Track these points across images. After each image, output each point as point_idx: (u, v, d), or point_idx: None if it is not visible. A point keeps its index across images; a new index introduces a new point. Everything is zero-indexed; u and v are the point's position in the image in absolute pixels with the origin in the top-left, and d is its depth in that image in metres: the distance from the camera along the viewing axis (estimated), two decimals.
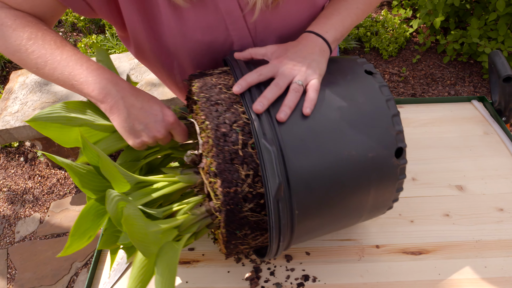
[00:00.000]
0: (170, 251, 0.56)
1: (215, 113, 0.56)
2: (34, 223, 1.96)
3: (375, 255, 0.74)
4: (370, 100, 0.59)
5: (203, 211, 0.60)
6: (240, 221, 0.56)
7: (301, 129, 0.55)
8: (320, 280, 0.71)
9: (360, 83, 0.62)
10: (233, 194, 0.54)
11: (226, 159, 0.54)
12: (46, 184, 2.12)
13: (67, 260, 1.77)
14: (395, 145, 0.58)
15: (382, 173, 0.58)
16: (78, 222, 0.54)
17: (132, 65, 2.05)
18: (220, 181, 0.54)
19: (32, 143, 2.31)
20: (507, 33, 2.21)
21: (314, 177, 0.54)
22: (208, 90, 0.60)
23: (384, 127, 0.58)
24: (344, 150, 0.56)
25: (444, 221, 0.79)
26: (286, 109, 0.55)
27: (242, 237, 0.59)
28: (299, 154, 0.54)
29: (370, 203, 0.61)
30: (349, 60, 0.67)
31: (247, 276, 0.72)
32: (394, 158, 0.58)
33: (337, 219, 0.61)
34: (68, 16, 2.63)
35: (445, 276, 0.71)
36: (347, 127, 0.57)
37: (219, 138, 0.55)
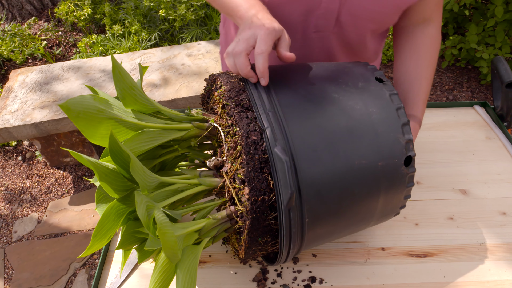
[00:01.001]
0: (191, 254, 0.56)
1: (245, 119, 0.56)
2: (31, 223, 1.95)
3: (381, 257, 0.75)
4: (381, 109, 0.60)
5: (224, 215, 0.60)
6: (263, 229, 0.57)
7: (313, 138, 0.55)
8: (327, 282, 0.71)
9: (370, 91, 0.62)
10: (261, 203, 0.54)
11: (256, 168, 0.54)
12: (44, 184, 2.11)
13: (65, 261, 1.77)
14: (404, 154, 0.59)
15: (391, 181, 0.59)
16: (101, 223, 0.55)
17: (133, 66, 2.05)
18: (249, 189, 0.54)
19: (30, 142, 2.30)
20: (505, 39, 2.23)
21: (325, 186, 0.55)
22: (238, 95, 0.59)
23: (394, 136, 0.59)
24: (355, 160, 0.56)
25: (448, 224, 0.80)
26: None
27: (262, 244, 0.59)
28: (311, 163, 0.54)
29: (378, 210, 0.62)
30: (360, 67, 0.68)
31: (254, 277, 0.72)
32: (403, 167, 0.59)
33: (346, 227, 0.62)
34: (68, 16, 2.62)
35: (450, 278, 0.71)
36: (358, 136, 0.57)
37: (249, 145, 0.54)
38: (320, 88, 0.61)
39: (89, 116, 0.54)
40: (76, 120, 0.54)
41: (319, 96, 0.60)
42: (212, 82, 0.67)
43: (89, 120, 0.55)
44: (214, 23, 2.41)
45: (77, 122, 0.54)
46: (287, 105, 0.57)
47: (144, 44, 2.41)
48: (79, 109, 0.53)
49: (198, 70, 2.00)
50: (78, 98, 0.53)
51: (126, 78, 0.58)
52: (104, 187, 0.55)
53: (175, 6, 2.38)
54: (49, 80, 2.03)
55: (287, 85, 0.61)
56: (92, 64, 2.09)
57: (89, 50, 2.50)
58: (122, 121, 0.57)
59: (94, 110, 0.54)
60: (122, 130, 0.59)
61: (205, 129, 0.65)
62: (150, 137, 0.61)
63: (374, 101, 0.61)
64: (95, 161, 0.53)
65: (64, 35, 2.78)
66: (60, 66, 2.11)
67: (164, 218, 0.52)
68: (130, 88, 0.59)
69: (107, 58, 2.13)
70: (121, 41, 2.46)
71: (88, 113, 0.54)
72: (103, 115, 0.55)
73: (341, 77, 0.63)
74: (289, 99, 0.58)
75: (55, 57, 2.66)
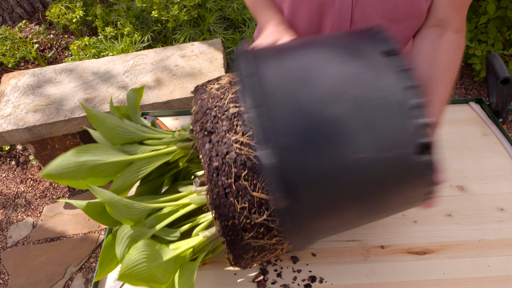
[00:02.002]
0: (187, 272, 0.59)
1: (208, 144, 0.55)
2: (26, 227, 1.93)
3: (381, 255, 0.75)
4: (383, 90, 0.51)
5: (214, 232, 0.61)
6: (244, 247, 0.56)
7: (307, 132, 0.50)
8: (327, 281, 0.71)
9: (373, 68, 0.53)
10: (231, 227, 0.54)
11: (220, 194, 0.54)
12: (39, 188, 2.09)
13: (61, 265, 1.75)
14: (413, 141, 0.51)
15: (401, 173, 0.53)
16: (103, 252, 0.60)
17: (126, 68, 2.04)
18: (217, 215, 0.54)
19: (24, 147, 2.28)
20: (497, 36, 2.25)
21: (323, 185, 0.51)
22: (204, 116, 0.58)
23: (399, 122, 0.51)
24: (353, 155, 0.51)
25: (446, 221, 0.80)
26: None
27: (250, 258, 0.59)
28: (305, 160, 0.50)
29: (392, 202, 0.57)
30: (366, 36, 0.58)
31: (254, 278, 0.71)
32: (415, 155, 0.51)
33: (350, 222, 0.59)
34: (60, 18, 2.60)
35: (449, 275, 0.71)
36: (357, 127, 0.51)
37: (212, 172, 0.54)
38: (312, 69, 0.54)
39: (71, 173, 0.60)
40: (60, 181, 0.60)
41: (309, 79, 0.53)
42: (194, 93, 0.66)
43: (72, 176, 0.61)
44: (207, 24, 2.40)
45: (61, 182, 0.61)
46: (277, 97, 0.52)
47: (137, 45, 2.39)
48: (60, 171, 0.59)
49: (192, 71, 1.99)
50: (58, 160, 0.59)
51: (105, 121, 0.63)
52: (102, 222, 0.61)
53: (168, 7, 2.37)
54: (42, 83, 2.01)
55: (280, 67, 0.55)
56: (85, 67, 2.07)
57: (81, 53, 2.48)
58: (106, 164, 0.62)
59: (75, 167, 0.60)
60: (110, 169, 0.63)
61: (190, 148, 0.66)
62: (139, 168, 0.65)
63: (376, 81, 0.52)
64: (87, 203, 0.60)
65: (56, 38, 2.76)
66: (52, 69, 2.09)
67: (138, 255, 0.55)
68: (112, 129, 0.64)
69: (100, 61, 2.11)
70: (113, 43, 2.44)
71: (69, 172, 0.60)
72: (86, 166, 0.61)
73: (342, 50, 0.56)
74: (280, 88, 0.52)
75: (47, 60, 2.64)
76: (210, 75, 1.95)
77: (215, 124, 0.57)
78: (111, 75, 2.01)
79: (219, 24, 2.45)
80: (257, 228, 0.55)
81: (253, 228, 0.54)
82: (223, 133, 0.55)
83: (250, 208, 0.54)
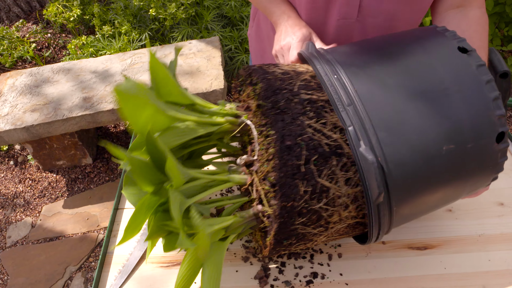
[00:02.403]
0: (217, 250, 0.57)
1: (280, 122, 0.55)
2: (25, 227, 1.92)
3: (382, 251, 0.75)
4: (469, 85, 0.55)
5: (251, 214, 0.60)
6: (289, 233, 0.56)
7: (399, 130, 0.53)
8: (329, 277, 0.71)
9: (453, 64, 0.57)
10: (289, 208, 0.54)
11: (288, 174, 0.53)
12: (38, 188, 2.08)
13: (61, 265, 1.75)
14: (496, 131, 0.56)
15: (482, 161, 0.57)
16: (134, 215, 0.55)
17: (124, 66, 2.03)
18: (279, 194, 0.53)
19: (22, 146, 2.27)
20: (495, 32, 2.25)
21: (412, 178, 0.54)
22: (274, 95, 0.57)
23: (484, 113, 0.55)
24: (443, 145, 0.53)
25: (447, 216, 0.80)
26: None
27: (287, 245, 0.59)
28: (398, 157, 0.52)
29: (466, 190, 0.61)
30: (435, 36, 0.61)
31: (255, 275, 0.71)
32: (495, 144, 0.56)
33: (432, 208, 0.63)
34: (57, 17, 2.59)
35: (450, 270, 0.71)
36: (446, 120, 0.54)
37: (283, 150, 0.53)
38: (398, 70, 0.57)
39: (137, 100, 0.54)
40: (124, 103, 0.53)
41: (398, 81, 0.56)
42: (247, 75, 0.65)
43: (137, 105, 0.54)
44: (205, 22, 2.40)
45: (125, 106, 0.53)
46: (366, 95, 0.54)
47: (135, 44, 2.39)
48: (132, 93, 0.53)
49: (190, 69, 1.99)
50: (127, 83, 0.53)
51: (163, 71, 0.58)
52: (138, 180, 0.55)
53: (165, 5, 2.36)
54: (39, 83, 2.00)
55: (362, 70, 0.58)
56: (83, 66, 2.07)
57: (79, 52, 2.47)
58: (161, 112, 0.57)
59: (142, 95, 0.54)
60: (160, 121, 0.58)
61: (237, 125, 0.64)
62: (184, 131, 0.61)
63: (460, 77, 0.56)
64: (131, 155, 0.53)
65: (54, 37, 2.75)
66: (50, 68, 2.09)
67: (199, 219, 0.52)
68: (165, 80, 0.59)
69: (97, 59, 2.11)
70: (111, 41, 2.44)
71: (137, 97, 0.54)
72: (149, 103, 0.55)
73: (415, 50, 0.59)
74: (367, 87, 0.55)
75: (45, 59, 2.63)
76: (208, 73, 1.95)
77: (288, 105, 0.56)
78: (108, 74, 2.01)
79: (217, 22, 2.44)
80: (310, 214, 0.55)
81: (307, 214, 0.55)
82: (296, 115, 0.56)
83: (312, 193, 0.54)
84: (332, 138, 0.55)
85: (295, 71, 0.62)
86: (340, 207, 0.56)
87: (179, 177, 0.55)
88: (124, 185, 0.61)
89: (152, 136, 0.51)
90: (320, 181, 0.54)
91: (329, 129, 0.56)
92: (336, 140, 0.55)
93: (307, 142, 0.54)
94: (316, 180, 0.54)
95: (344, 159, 0.55)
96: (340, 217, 0.57)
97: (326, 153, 0.54)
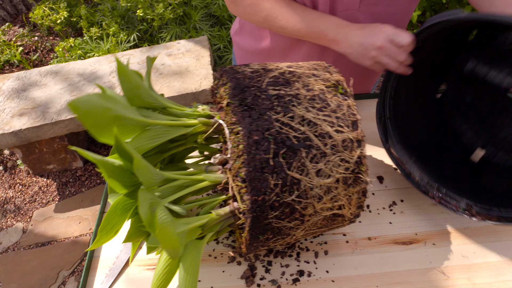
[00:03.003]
0: (194, 249, 0.57)
1: (248, 119, 0.56)
2: (17, 233, 1.91)
3: (368, 247, 0.75)
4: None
5: (227, 211, 0.61)
6: (264, 227, 0.57)
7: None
8: (315, 274, 0.71)
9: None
10: (261, 202, 0.54)
11: (257, 168, 0.54)
12: (28, 193, 2.07)
13: (53, 269, 1.74)
14: None
15: None
16: (107, 217, 0.55)
17: (112, 68, 2.02)
18: (249, 188, 0.54)
19: (11, 151, 2.25)
20: None
21: None
22: (242, 93, 0.59)
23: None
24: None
25: (432, 210, 0.81)
26: None
27: (264, 240, 0.60)
28: None
29: None
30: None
31: (242, 275, 0.71)
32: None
33: None
34: (44, 20, 2.57)
35: (436, 264, 0.72)
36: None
37: (251, 145, 0.54)
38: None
39: (96, 115, 0.54)
40: (83, 119, 0.53)
41: None
42: (219, 77, 0.66)
43: (96, 119, 0.54)
44: (193, 21, 2.39)
45: (84, 121, 0.53)
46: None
47: (123, 45, 2.37)
48: (86, 107, 0.53)
49: (179, 69, 1.98)
50: (85, 97, 0.53)
51: (131, 78, 0.58)
52: (111, 183, 0.55)
53: (153, 6, 2.35)
54: (27, 86, 1.99)
55: None
56: (71, 68, 2.05)
57: (67, 54, 2.45)
58: (128, 119, 0.57)
59: (101, 109, 0.54)
60: (129, 127, 0.58)
61: (211, 125, 0.65)
62: (157, 134, 0.61)
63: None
64: (102, 159, 0.53)
65: (41, 40, 2.73)
66: (37, 72, 2.07)
67: (166, 216, 0.52)
68: (136, 88, 0.59)
69: (85, 62, 2.09)
70: (99, 43, 2.42)
71: (95, 112, 0.53)
72: (110, 113, 0.55)
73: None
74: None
75: (33, 63, 2.61)
76: (198, 73, 1.94)
77: (255, 101, 0.58)
78: (97, 76, 2.00)
79: (205, 22, 2.43)
80: (283, 207, 0.56)
81: (280, 207, 0.56)
82: (264, 110, 0.57)
83: (282, 186, 0.55)
84: (300, 130, 0.56)
85: (265, 69, 0.64)
86: (314, 199, 0.57)
87: (149, 178, 0.55)
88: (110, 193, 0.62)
89: (120, 140, 0.51)
90: (290, 173, 0.55)
91: (297, 122, 0.57)
92: (304, 133, 0.56)
93: (275, 136, 0.55)
94: (286, 173, 0.55)
95: (314, 150, 0.56)
96: (315, 209, 0.58)
97: (295, 146, 0.55)
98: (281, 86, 0.60)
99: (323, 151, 0.56)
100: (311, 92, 0.61)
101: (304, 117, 0.57)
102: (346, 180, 0.58)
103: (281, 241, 0.62)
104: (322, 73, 0.65)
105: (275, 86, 0.60)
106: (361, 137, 0.59)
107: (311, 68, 0.66)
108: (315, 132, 0.57)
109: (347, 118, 0.59)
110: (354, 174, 0.58)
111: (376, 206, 0.82)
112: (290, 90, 0.60)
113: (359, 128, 0.59)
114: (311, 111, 0.58)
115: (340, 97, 0.61)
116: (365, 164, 0.59)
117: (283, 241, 0.62)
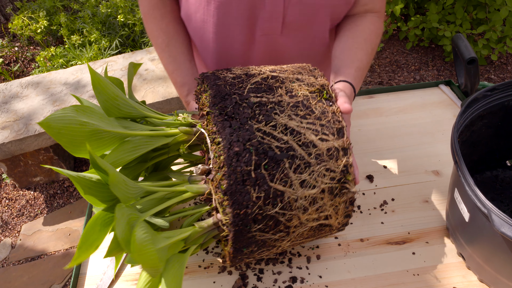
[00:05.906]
0: (177, 263, 0.55)
1: (228, 129, 0.54)
2: (5, 248, 1.86)
3: (360, 249, 0.73)
4: None
5: (210, 223, 0.59)
6: (248, 240, 0.55)
7: None
8: (308, 280, 0.69)
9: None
10: (243, 216, 0.52)
11: (238, 181, 0.52)
12: (15, 207, 2.02)
13: (44, 284, 1.70)
14: None
15: None
16: (86, 234, 0.53)
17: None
18: (231, 202, 0.52)
19: None
20: (464, 16, 2.27)
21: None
22: (223, 101, 0.56)
23: None
24: None
25: (424, 208, 0.79)
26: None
27: (248, 253, 0.58)
28: None
29: None
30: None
31: (233, 285, 0.69)
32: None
33: None
34: (23, 30, 2.52)
35: (431, 262, 0.71)
36: None
37: (231, 157, 0.52)
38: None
39: (71, 132, 0.52)
40: (57, 137, 0.51)
41: None
42: (201, 82, 0.63)
43: (72, 136, 0.52)
44: None
45: (59, 139, 0.51)
46: None
47: (107, 52, 2.34)
48: (60, 125, 0.51)
49: (163, 74, 1.95)
50: (59, 113, 0.51)
51: (107, 89, 0.56)
52: (88, 199, 0.53)
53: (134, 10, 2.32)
54: (8, 99, 1.94)
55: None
56: (52, 78, 2.01)
57: (48, 64, 2.40)
58: (105, 132, 0.55)
59: (76, 125, 0.52)
60: (107, 140, 0.56)
61: (193, 134, 0.63)
62: (136, 146, 0.59)
63: None
64: (77, 175, 0.50)
65: (21, 50, 2.67)
66: (18, 83, 2.03)
67: (145, 235, 0.50)
68: (112, 99, 0.57)
69: (67, 70, 2.05)
70: (82, 51, 2.38)
71: (70, 129, 0.51)
72: (86, 128, 0.53)
73: None
74: None
75: (14, 74, 2.56)
76: None
77: (236, 110, 0.55)
78: (80, 84, 1.96)
79: None
80: (267, 220, 0.54)
81: (263, 220, 0.53)
82: (245, 120, 0.54)
83: (265, 198, 0.52)
84: (283, 140, 0.54)
85: (247, 74, 0.61)
86: (298, 211, 0.55)
87: (127, 193, 0.53)
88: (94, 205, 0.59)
89: (94, 157, 0.49)
90: (273, 185, 0.53)
91: (280, 131, 0.55)
92: (287, 142, 0.54)
93: (257, 146, 0.53)
94: (268, 185, 0.53)
95: (297, 161, 0.54)
96: (300, 220, 0.56)
97: (277, 156, 0.53)
98: (263, 92, 0.58)
99: (307, 161, 0.54)
100: (294, 99, 0.58)
101: (287, 126, 0.55)
102: (332, 190, 0.56)
103: (266, 252, 0.60)
104: (306, 77, 0.63)
105: (257, 93, 0.58)
106: (347, 145, 0.57)
107: (295, 72, 0.64)
108: (299, 141, 0.54)
109: (332, 125, 0.57)
110: (340, 184, 0.56)
111: (367, 206, 0.80)
112: (273, 97, 0.57)
113: (345, 135, 0.57)
114: (294, 119, 0.56)
115: (325, 103, 0.59)
116: (352, 173, 0.57)
117: (269, 252, 0.61)
